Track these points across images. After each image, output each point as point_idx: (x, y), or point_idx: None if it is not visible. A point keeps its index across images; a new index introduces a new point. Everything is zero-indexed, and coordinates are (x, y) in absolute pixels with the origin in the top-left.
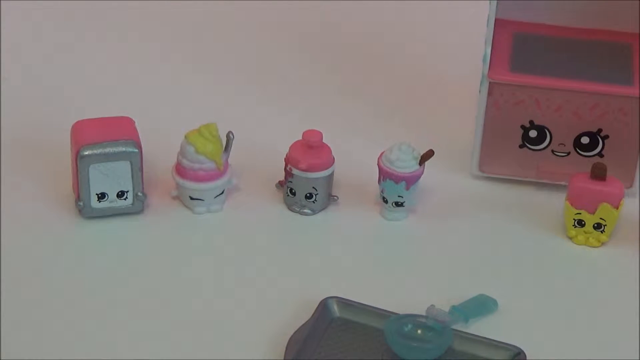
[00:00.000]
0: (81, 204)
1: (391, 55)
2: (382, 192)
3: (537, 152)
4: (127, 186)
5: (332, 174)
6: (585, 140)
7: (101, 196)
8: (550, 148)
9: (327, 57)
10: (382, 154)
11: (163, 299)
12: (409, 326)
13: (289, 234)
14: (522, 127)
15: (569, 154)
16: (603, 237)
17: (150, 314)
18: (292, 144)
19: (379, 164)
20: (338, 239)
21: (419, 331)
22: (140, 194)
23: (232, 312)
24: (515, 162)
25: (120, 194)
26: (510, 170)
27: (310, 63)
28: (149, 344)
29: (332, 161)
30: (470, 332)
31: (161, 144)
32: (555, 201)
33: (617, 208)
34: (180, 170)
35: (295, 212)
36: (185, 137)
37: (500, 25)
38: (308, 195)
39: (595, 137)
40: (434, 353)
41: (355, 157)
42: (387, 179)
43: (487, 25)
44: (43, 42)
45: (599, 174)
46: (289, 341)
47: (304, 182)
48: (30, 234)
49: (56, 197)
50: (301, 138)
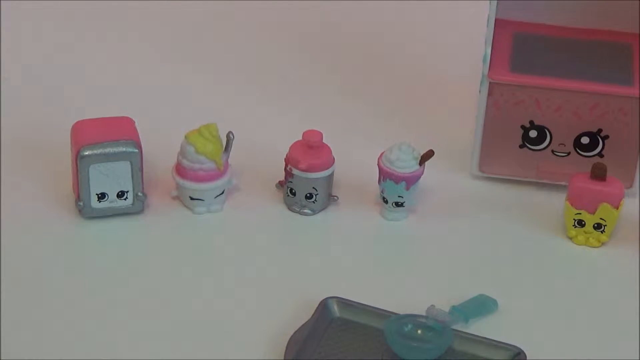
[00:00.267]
0: (81, 204)
1: (391, 55)
2: (382, 192)
3: (537, 152)
4: (127, 186)
5: (332, 174)
6: (585, 140)
7: (101, 196)
8: (550, 148)
9: (327, 57)
10: (382, 154)
11: (163, 299)
12: (409, 326)
13: (289, 234)
14: (522, 127)
15: (569, 154)
16: (603, 237)
17: (150, 314)
18: (292, 144)
19: (379, 164)
20: (338, 239)
21: (419, 331)
22: (140, 194)
23: (232, 312)
24: (515, 162)
25: (120, 194)
26: (510, 170)
27: (310, 63)
28: (149, 344)
29: (332, 161)
30: (470, 332)
31: (161, 144)
32: (555, 201)
33: (617, 208)
34: (180, 170)
35: (295, 212)
36: (185, 137)
37: (500, 25)
38: (308, 195)
39: (595, 137)
40: (434, 353)
41: (355, 157)
42: (387, 179)
43: (487, 25)
44: (43, 42)
45: (599, 174)
46: (289, 341)
47: (304, 182)
48: (30, 234)
49: (56, 197)
50: (301, 138)
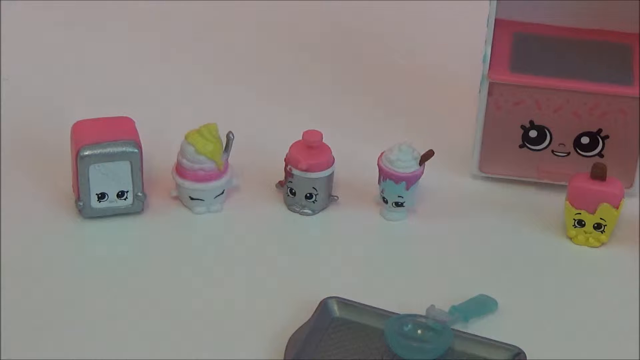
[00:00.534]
0: (81, 204)
1: (391, 55)
2: (382, 192)
3: (537, 152)
4: (127, 186)
5: (332, 174)
6: (585, 140)
7: (101, 196)
8: (550, 148)
9: (327, 57)
10: (382, 154)
11: (163, 298)
12: (409, 326)
13: (289, 234)
14: (522, 127)
15: (569, 154)
16: (603, 237)
17: (150, 314)
18: (292, 144)
19: (379, 164)
20: (338, 239)
21: (419, 331)
22: (140, 194)
23: (232, 312)
24: (515, 162)
25: (120, 194)
26: (510, 170)
27: (310, 63)
28: (149, 344)
29: (332, 161)
30: (470, 332)
31: (161, 144)
32: (555, 201)
33: (617, 208)
34: (180, 170)
35: (295, 212)
36: (185, 137)
37: (500, 25)
38: (308, 195)
39: (595, 137)
40: (434, 353)
41: (355, 157)
42: (387, 179)
43: (487, 25)
44: (43, 42)
45: (599, 174)
46: (289, 341)
47: (304, 182)
48: (30, 234)
49: (56, 197)
50: (301, 138)
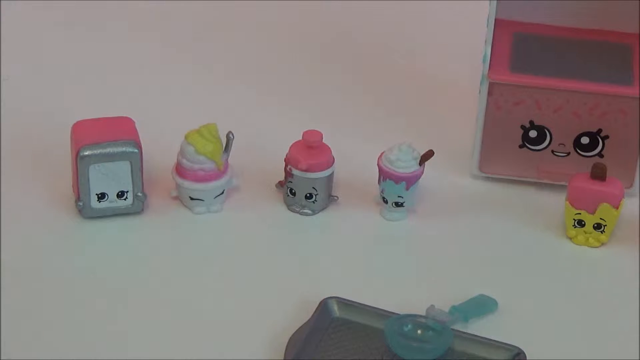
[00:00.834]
0: (81, 204)
1: (391, 55)
2: (382, 192)
3: (537, 152)
4: (127, 186)
5: (332, 174)
6: (585, 140)
7: (101, 196)
8: (550, 148)
9: (327, 57)
10: (382, 154)
11: (163, 298)
12: (409, 326)
13: (289, 234)
14: (522, 127)
15: (569, 154)
16: (603, 237)
17: (150, 314)
18: (292, 144)
19: (379, 164)
20: (338, 239)
21: (419, 331)
22: (140, 194)
23: (232, 312)
24: (515, 162)
25: (120, 194)
26: (510, 170)
27: (310, 63)
28: (149, 344)
29: (332, 161)
30: (470, 332)
31: (161, 144)
32: (555, 201)
33: (617, 208)
34: (180, 170)
35: (295, 212)
36: (185, 137)
37: (500, 25)
38: (308, 195)
39: (595, 137)
40: (434, 353)
41: (355, 157)
42: (387, 179)
43: (487, 25)
44: (43, 42)
45: (599, 174)
46: (289, 341)
47: (304, 183)
48: (30, 234)
49: (56, 197)
50: (301, 138)
